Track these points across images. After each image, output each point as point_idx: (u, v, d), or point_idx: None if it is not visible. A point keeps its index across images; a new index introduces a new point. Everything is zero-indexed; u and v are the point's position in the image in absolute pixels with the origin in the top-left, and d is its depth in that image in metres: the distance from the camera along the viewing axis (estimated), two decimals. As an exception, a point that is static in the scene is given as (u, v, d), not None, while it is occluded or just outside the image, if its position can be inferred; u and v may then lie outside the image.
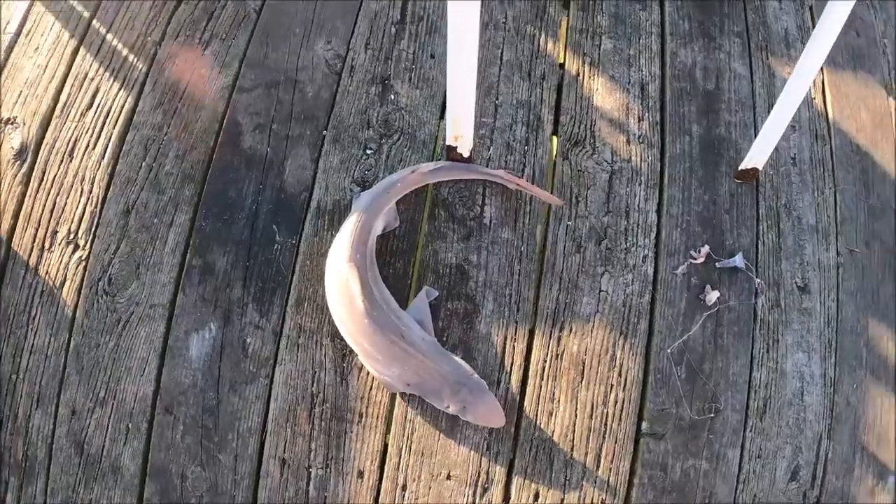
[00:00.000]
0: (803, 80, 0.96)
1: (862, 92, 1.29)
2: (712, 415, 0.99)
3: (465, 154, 0.98)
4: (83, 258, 1.00)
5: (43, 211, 1.04)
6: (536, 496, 0.93)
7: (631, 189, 1.06)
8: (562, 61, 1.14)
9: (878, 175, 1.21)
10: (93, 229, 1.02)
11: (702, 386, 0.99)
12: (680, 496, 0.95)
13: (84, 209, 1.03)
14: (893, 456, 1.05)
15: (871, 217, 1.16)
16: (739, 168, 1.09)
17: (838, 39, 1.35)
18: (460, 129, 0.93)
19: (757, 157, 1.08)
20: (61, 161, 1.07)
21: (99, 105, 1.10)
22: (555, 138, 1.09)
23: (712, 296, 1.02)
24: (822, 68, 1.33)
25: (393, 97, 1.07)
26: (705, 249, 1.04)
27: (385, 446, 0.91)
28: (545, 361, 0.96)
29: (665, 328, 1.01)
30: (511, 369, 0.95)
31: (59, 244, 1.02)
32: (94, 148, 1.07)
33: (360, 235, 0.90)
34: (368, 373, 0.93)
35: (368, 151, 1.04)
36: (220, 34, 1.12)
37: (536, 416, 0.94)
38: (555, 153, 1.07)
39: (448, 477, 0.91)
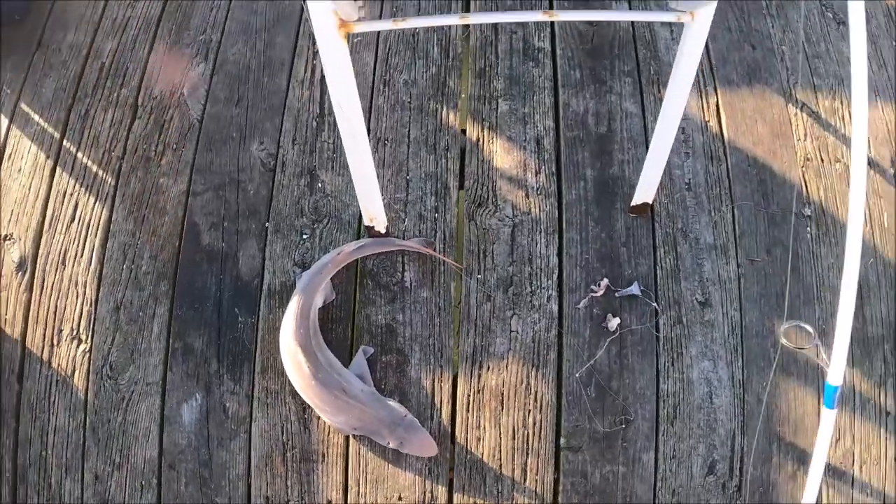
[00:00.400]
0: (671, 118, 1.18)
1: (758, 104, 1.54)
2: (623, 426, 1.27)
3: (382, 231, 1.29)
4: (86, 350, 1.36)
5: (48, 314, 1.39)
6: (475, 506, 1.26)
7: (532, 238, 1.35)
8: (464, 128, 1.43)
9: (776, 184, 1.47)
10: (91, 326, 1.37)
11: (612, 402, 1.28)
12: (602, 497, 1.24)
13: (81, 309, 1.38)
14: (813, 441, 1.32)
15: (771, 225, 1.42)
16: (631, 204, 1.37)
17: (731, 56, 1.63)
18: (372, 213, 1.24)
19: (644, 193, 1.35)
20: (56, 269, 1.42)
21: (80, 217, 1.45)
22: (460, 202, 1.38)
23: (613, 323, 1.31)
24: (715, 90, 1.60)
25: (320, 185, 1.39)
26: (604, 282, 1.33)
27: (346, 478, 1.24)
28: (469, 396, 1.27)
29: (573, 356, 1.30)
30: (441, 406, 1.27)
31: (65, 340, 1.38)
32: (81, 256, 1.42)
33: (301, 312, 1.22)
34: (325, 422, 1.26)
35: (304, 236, 1.36)
36: (171, 144, 1.44)
37: (467, 442, 1.26)
38: (461, 215, 1.35)
39: (399, 499, 1.24)
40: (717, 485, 1.24)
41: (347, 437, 1.26)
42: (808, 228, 1.40)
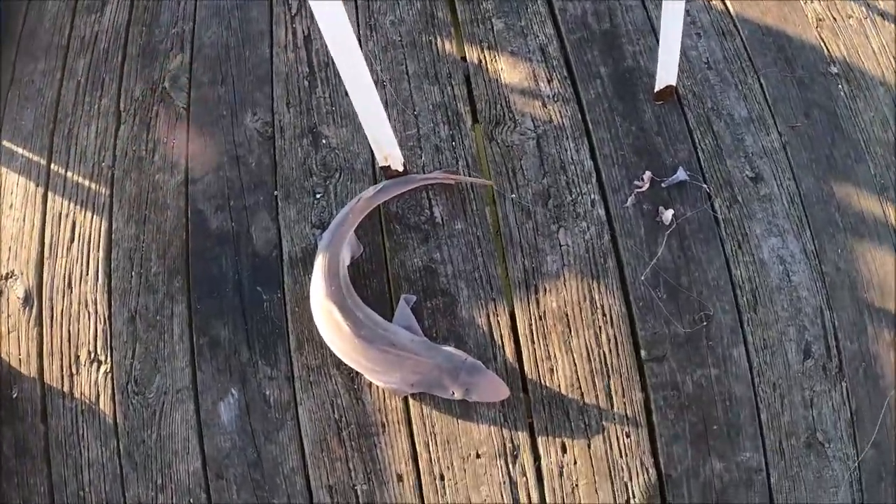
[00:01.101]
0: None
1: (756, -26, 1.47)
2: (704, 323, 1.15)
3: (399, 168, 1.20)
4: (108, 371, 1.25)
5: (62, 342, 1.29)
6: (564, 448, 1.10)
7: (560, 145, 1.25)
8: (462, 55, 1.36)
9: (795, 47, 1.38)
10: (108, 343, 1.26)
11: (685, 299, 1.16)
12: (700, 406, 1.11)
13: (96, 329, 1.28)
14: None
15: (802, 89, 1.33)
16: (655, 91, 1.28)
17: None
18: (385, 150, 1.15)
19: (665, 75, 1.26)
20: (63, 295, 1.33)
21: (80, 236, 1.37)
22: (476, 125, 1.30)
23: (667, 214, 1.20)
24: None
25: (324, 141, 1.31)
26: (647, 175, 1.22)
27: (413, 446, 1.11)
28: (531, 325, 1.15)
29: (633, 259, 1.19)
30: (502, 342, 1.15)
31: (84, 366, 1.27)
32: (87, 274, 1.33)
33: (329, 270, 1.12)
34: (377, 387, 1.13)
35: (318, 195, 1.27)
36: (161, 139, 1.38)
37: (539, 376, 1.13)
38: (480, 138, 1.28)
39: (478, 456, 1.10)
40: (816, 368, 1.11)
41: (406, 400, 1.13)
42: (840, 86, 1.31)
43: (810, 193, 1.22)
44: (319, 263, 1.13)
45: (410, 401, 1.12)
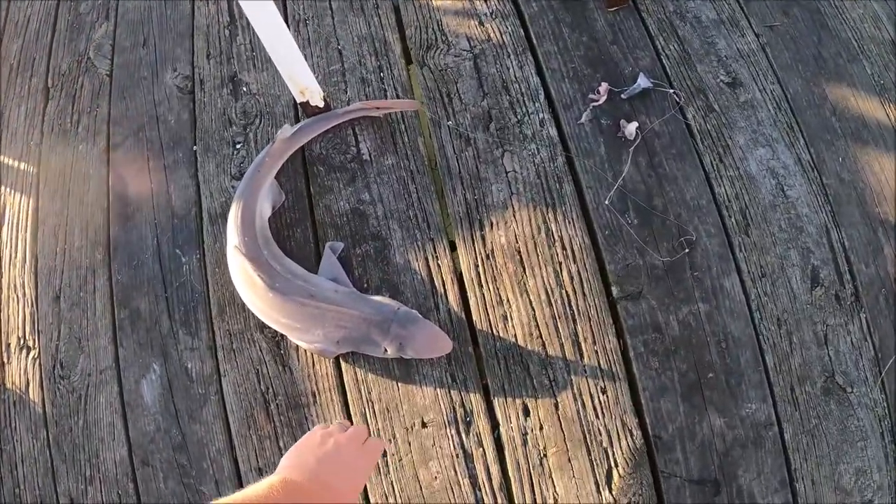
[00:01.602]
0: None
1: None
2: (686, 250, 0.94)
3: (320, 103, 1.04)
4: (36, 356, 1.14)
5: (-6, 331, 1.21)
6: (526, 411, 0.91)
7: (501, 64, 1.07)
8: (392, -16, 1.21)
9: (769, -58, 1.16)
10: (36, 327, 1.15)
11: (661, 224, 0.95)
12: (690, 350, 0.90)
13: (24, 313, 1.18)
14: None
15: None
16: (607, -6, 1.09)
17: None
18: (300, 83, 0.99)
19: (619, -25, 1.07)
20: (-5, 281, 1.25)
21: (9, 218, 1.27)
22: (406, 52, 1.12)
23: (631, 128, 1.00)
24: None
25: (245, 88, 1.17)
26: (604, 87, 1.02)
27: (348, 417, 0.94)
28: (477, 266, 0.96)
29: (594, 181, 0.99)
30: (444, 289, 0.96)
31: (15, 353, 1.17)
32: (16, 256, 1.23)
33: (243, 220, 0.97)
34: (306, 351, 0.97)
35: (238, 145, 1.13)
36: (85, 109, 1.27)
37: (490, 325, 0.94)
38: (410, 65, 1.11)
39: (424, 425, 0.92)
40: (828, 298, 0.89)
41: (338, 363, 0.96)
42: (822, -19, 1.09)
43: (799, 97, 1.00)
44: (233, 214, 0.98)
45: (343, 364, 0.95)
